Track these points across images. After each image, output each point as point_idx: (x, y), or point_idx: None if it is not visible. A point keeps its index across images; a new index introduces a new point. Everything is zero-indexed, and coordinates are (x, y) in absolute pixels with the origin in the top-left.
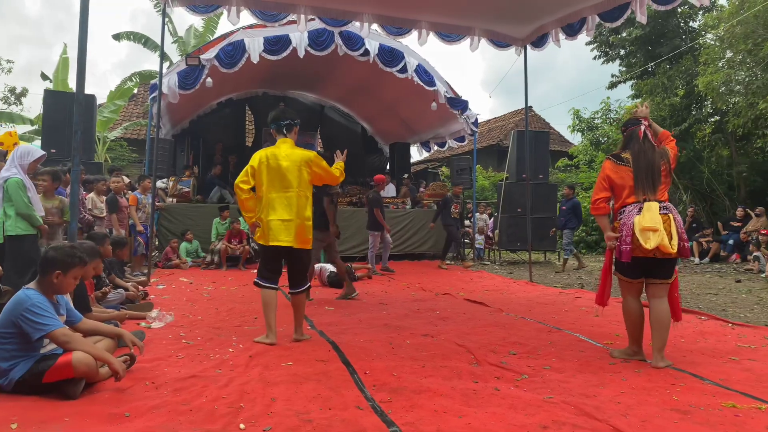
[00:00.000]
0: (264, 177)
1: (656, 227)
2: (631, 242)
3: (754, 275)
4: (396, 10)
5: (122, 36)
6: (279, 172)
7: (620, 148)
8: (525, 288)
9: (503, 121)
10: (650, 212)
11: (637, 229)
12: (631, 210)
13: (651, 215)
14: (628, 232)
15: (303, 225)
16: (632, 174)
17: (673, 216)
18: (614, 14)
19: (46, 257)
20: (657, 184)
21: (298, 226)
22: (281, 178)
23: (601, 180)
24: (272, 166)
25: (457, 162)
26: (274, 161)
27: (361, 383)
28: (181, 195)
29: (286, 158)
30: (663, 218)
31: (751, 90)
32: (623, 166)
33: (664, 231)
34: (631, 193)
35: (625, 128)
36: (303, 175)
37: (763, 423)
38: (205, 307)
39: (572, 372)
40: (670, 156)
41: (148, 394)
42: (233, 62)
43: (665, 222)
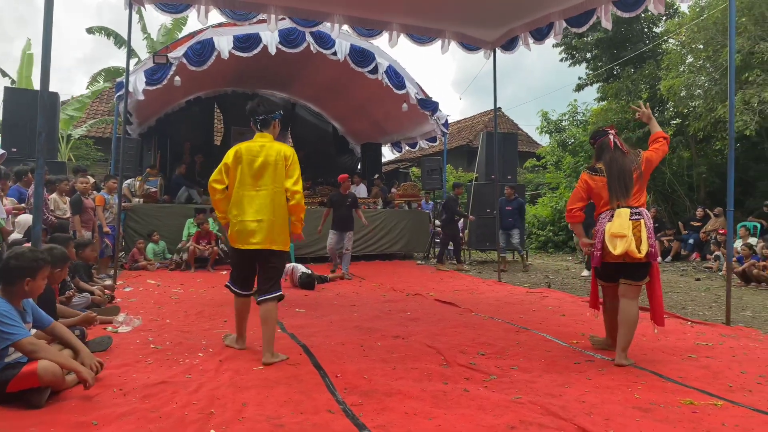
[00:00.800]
0: (237, 173)
1: (624, 233)
2: (602, 248)
3: (713, 273)
4: (367, 11)
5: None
6: (252, 169)
7: (594, 160)
8: (494, 288)
9: (473, 122)
10: (620, 219)
11: (606, 235)
12: (605, 217)
13: (620, 222)
14: (600, 239)
15: (277, 224)
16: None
17: (645, 221)
18: (580, 20)
19: (8, 267)
20: (630, 190)
21: (270, 226)
22: (254, 175)
23: (579, 190)
24: (246, 161)
25: (427, 162)
26: (248, 157)
27: (332, 386)
28: (147, 195)
29: (261, 154)
30: (634, 224)
31: (710, 95)
32: (598, 176)
33: (633, 237)
34: (607, 201)
35: (594, 140)
36: (279, 171)
37: (719, 419)
38: (173, 310)
39: (539, 372)
40: (642, 159)
41: (116, 401)
42: (202, 60)
43: (635, 227)
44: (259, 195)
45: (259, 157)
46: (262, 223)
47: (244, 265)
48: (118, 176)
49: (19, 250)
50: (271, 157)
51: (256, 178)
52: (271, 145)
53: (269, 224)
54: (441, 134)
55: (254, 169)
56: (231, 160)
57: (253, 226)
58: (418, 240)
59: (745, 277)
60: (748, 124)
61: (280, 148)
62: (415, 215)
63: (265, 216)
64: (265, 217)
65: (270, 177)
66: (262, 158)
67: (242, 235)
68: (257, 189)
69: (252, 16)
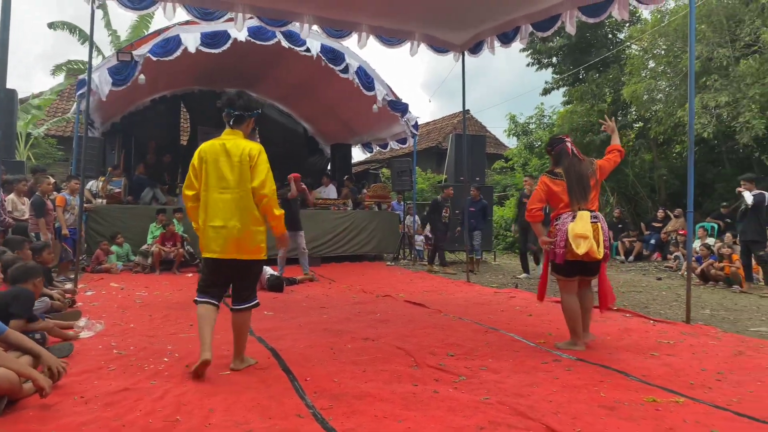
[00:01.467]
0: (202, 175)
1: (587, 235)
2: (565, 246)
3: (673, 273)
4: (336, 12)
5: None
6: (218, 169)
7: (552, 165)
8: (462, 288)
9: (442, 124)
10: (582, 221)
11: (570, 235)
12: (566, 218)
13: (583, 224)
14: (563, 238)
15: (248, 231)
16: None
17: (601, 225)
18: (546, 24)
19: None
20: (588, 194)
21: (238, 233)
22: (220, 177)
23: (540, 192)
24: (210, 162)
25: (397, 164)
26: (212, 156)
27: (301, 390)
28: (111, 196)
29: (225, 152)
30: (593, 227)
31: (670, 99)
32: (559, 180)
33: (593, 239)
34: (567, 204)
35: (551, 147)
36: (245, 172)
37: (680, 416)
38: (137, 314)
39: (507, 372)
40: (596, 167)
41: (76, 409)
42: (167, 52)
43: (594, 230)
44: (224, 198)
45: (222, 156)
46: (227, 229)
47: (213, 274)
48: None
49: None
50: (236, 156)
51: (220, 180)
52: (237, 143)
53: (236, 231)
54: (411, 136)
55: (219, 170)
56: (196, 161)
57: (219, 233)
58: (388, 241)
59: (703, 277)
60: (706, 127)
61: (246, 146)
62: (385, 216)
63: (231, 222)
64: (231, 222)
65: (236, 178)
66: (225, 157)
67: (209, 242)
68: (222, 191)
69: (219, 15)
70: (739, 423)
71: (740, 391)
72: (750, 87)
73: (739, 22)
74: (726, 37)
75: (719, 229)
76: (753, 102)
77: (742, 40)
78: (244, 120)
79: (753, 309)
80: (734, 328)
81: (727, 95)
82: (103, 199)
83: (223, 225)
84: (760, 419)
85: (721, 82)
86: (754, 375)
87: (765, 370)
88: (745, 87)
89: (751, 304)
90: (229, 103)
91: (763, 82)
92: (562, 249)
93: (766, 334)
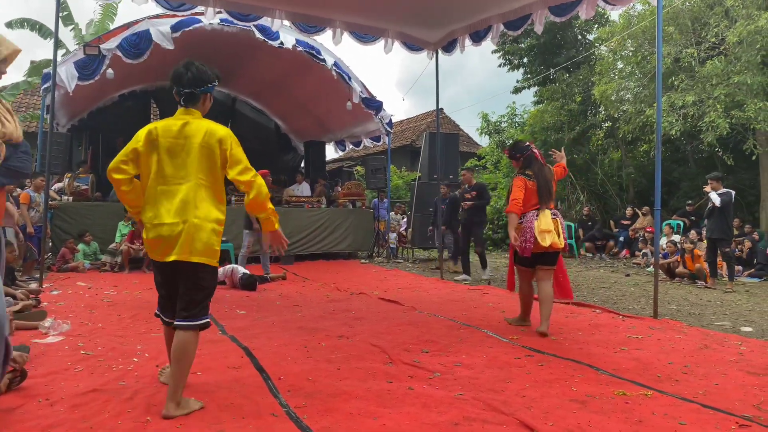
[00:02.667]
0: (152, 162)
1: (550, 229)
2: (533, 241)
3: (641, 269)
4: (309, 8)
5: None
6: (170, 155)
7: (521, 168)
8: (436, 285)
9: (416, 122)
10: (545, 218)
11: (536, 231)
12: (531, 216)
13: (546, 220)
14: (531, 234)
15: (199, 228)
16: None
17: (560, 220)
18: (517, 23)
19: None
20: (552, 196)
21: (189, 230)
22: (171, 164)
23: (520, 190)
24: (163, 147)
25: (372, 162)
26: (166, 140)
27: (275, 389)
28: (78, 193)
29: (182, 135)
30: (553, 222)
31: (639, 99)
32: (531, 180)
33: (555, 232)
34: (536, 203)
35: (521, 154)
36: (206, 159)
37: (649, 409)
38: (106, 314)
39: (481, 368)
40: (553, 173)
41: (41, 412)
42: (138, 52)
43: (555, 225)
44: (179, 190)
45: (179, 139)
46: (178, 226)
47: (165, 282)
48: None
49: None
50: (196, 138)
51: (177, 168)
52: (198, 123)
53: (188, 228)
54: (385, 134)
55: (172, 156)
56: (142, 143)
57: (168, 232)
58: (362, 239)
59: (670, 273)
60: (674, 125)
61: (210, 128)
62: (359, 214)
63: (183, 217)
64: (182, 218)
65: (194, 165)
66: (183, 140)
67: (157, 244)
68: (177, 182)
69: (189, 8)
70: (705, 414)
71: (706, 384)
72: (715, 87)
73: (704, 24)
74: (691, 39)
75: (685, 226)
76: (718, 102)
77: (707, 41)
78: (197, 98)
79: (717, 304)
80: (699, 323)
81: (693, 95)
82: (69, 196)
83: (176, 221)
84: (724, 410)
85: (687, 82)
86: (718, 368)
87: (729, 363)
88: (710, 87)
89: (715, 299)
90: (176, 79)
91: (728, 83)
92: (531, 243)
93: (730, 329)
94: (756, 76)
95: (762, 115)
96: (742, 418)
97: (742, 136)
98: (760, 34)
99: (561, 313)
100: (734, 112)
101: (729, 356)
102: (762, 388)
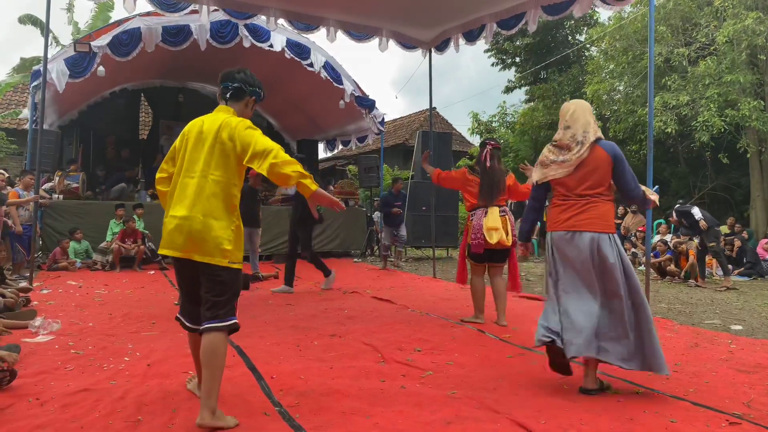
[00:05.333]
0: (180, 155)
1: (498, 227)
2: (482, 238)
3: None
4: (303, 6)
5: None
6: (193, 149)
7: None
8: (429, 284)
9: (409, 121)
10: (493, 216)
11: (484, 228)
12: (480, 214)
13: (494, 218)
14: (480, 231)
15: (210, 226)
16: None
17: (509, 217)
18: (510, 23)
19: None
20: (495, 197)
21: (199, 227)
22: (192, 159)
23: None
24: (190, 140)
25: (364, 160)
26: (193, 133)
27: (267, 388)
28: (68, 191)
29: (203, 127)
30: (502, 219)
31: (631, 99)
32: (473, 175)
33: (503, 230)
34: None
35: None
36: (216, 150)
37: (640, 407)
38: (97, 313)
39: (474, 366)
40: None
41: (31, 412)
42: (127, 51)
43: (503, 222)
44: (191, 183)
45: (204, 133)
46: (187, 221)
47: (183, 279)
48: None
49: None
50: (210, 132)
51: (192, 162)
52: (216, 116)
53: (197, 224)
54: (377, 132)
55: (194, 150)
56: (178, 141)
57: (178, 225)
58: (354, 238)
59: (660, 271)
60: (668, 123)
61: (225, 118)
62: (351, 213)
63: (191, 212)
64: (190, 213)
65: (204, 159)
66: (202, 133)
67: (167, 235)
68: (191, 175)
69: (182, 7)
70: (696, 412)
71: (696, 382)
72: (707, 87)
73: (695, 25)
74: (681, 39)
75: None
76: (711, 102)
77: (698, 41)
78: (243, 95)
79: (707, 302)
80: (690, 321)
81: (686, 95)
82: (59, 194)
83: (185, 215)
84: (715, 408)
85: (680, 82)
86: (709, 366)
87: (719, 361)
88: (702, 87)
89: (705, 297)
90: (227, 76)
91: (719, 82)
92: (481, 240)
93: (720, 327)
94: (747, 75)
95: (756, 114)
96: (733, 416)
97: (733, 135)
98: (746, 33)
99: None
100: (728, 111)
101: (719, 354)
102: (752, 385)
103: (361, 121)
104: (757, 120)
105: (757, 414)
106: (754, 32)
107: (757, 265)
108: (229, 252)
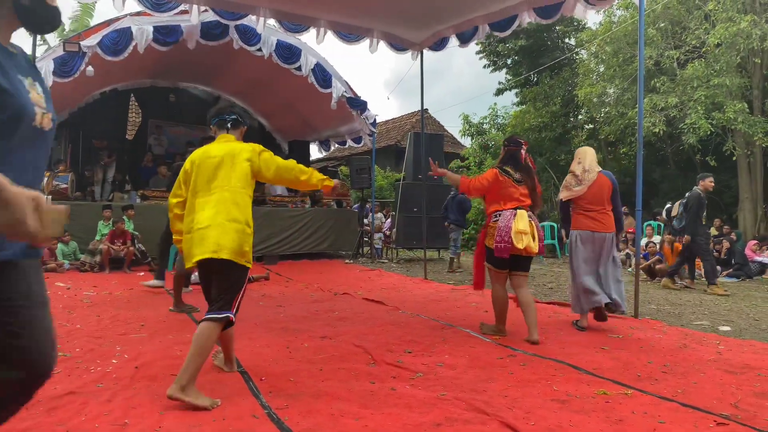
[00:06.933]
0: (192, 180)
1: (527, 231)
2: (510, 241)
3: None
4: (294, 6)
5: None
6: (208, 170)
7: (501, 161)
8: (420, 285)
9: (401, 122)
10: (522, 219)
11: (513, 231)
12: (508, 215)
13: (523, 222)
14: (508, 234)
15: (230, 229)
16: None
17: (535, 223)
18: (503, 24)
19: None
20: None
21: (220, 231)
22: (209, 177)
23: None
24: (202, 165)
25: (356, 161)
26: (204, 158)
27: (256, 390)
28: (56, 192)
29: (218, 152)
30: (530, 225)
31: (621, 101)
32: (504, 176)
33: (531, 235)
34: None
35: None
36: (238, 169)
37: (629, 408)
38: (84, 315)
39: (464, 368)
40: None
41: (17, 415)
42: (118, 50)
43: (531, 228)
44: (212, 199)
45: (217, 155)
46: (211, 228)
47: (207, 283)
48: None
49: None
50: (230, 153)
51: (209, 182)
52: (232, 143)
53: (220, 229)
54: (369, 133)
55: (210, 170)
56: (188, 165)
57: (203, 233)
58: (345, 239)
59: (650, 273)
60: (656, 124)
61: (238, 144)
62: (343, 214)
63: (216, 220)
64: (215, 221)
65: (226, 176)
66: (220, 156)
67: (193, 245)
68: (210, 193)
69: (172, 7)
70: (684, 413)
71: (684, 383)
72: (696, 90)
73: (684, 28)
74: (671, 42)
75: (664, 227)
76: (699, 104)
77: (687, 44)
78: (240, 125)
79: (696, 304)
80: (679, 322)
81: (674, 97)
82: (48, 195)
83: (209, 224)
84: (703, 409)
85: (669, 85)
86: (697, 367)
87: (707, 362)
88: (691, 90)
89: (693, 299)
90: (223, 110)
91: (707, 85)
92: (508, 243)
93: (709, 328)
94: (734, 78)
95: (741, 117)
96: (720, 417)
97: (721, 138)
98: (741, 37)
99: (543, 313)
100: (714, 113)
101: (707, 355)
102: (739, 386)
103: (353, 123)
104: (743, 123)
105: (745, 415)
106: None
107: (745, 267)
108: (246, 252)
